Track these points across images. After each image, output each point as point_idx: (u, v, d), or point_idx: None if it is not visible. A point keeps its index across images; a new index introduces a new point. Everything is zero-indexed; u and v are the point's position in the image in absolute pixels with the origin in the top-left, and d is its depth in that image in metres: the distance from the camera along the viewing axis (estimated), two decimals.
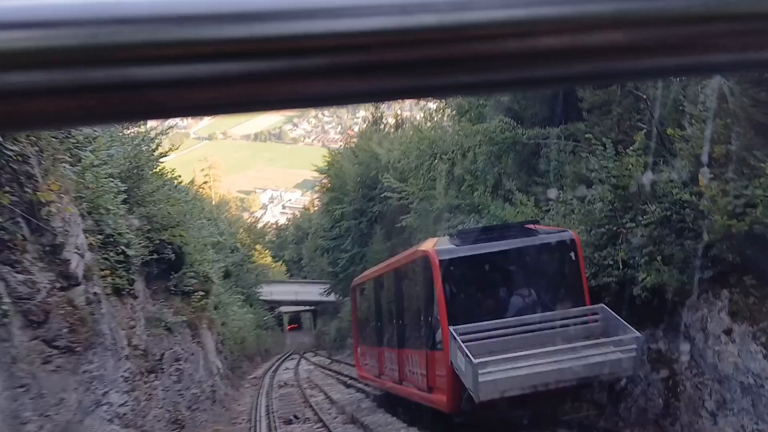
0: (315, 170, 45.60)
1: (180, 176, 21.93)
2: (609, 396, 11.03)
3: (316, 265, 48.49)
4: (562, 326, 9.11)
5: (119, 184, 9.66)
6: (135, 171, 11.80)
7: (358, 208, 36.37)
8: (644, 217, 9.96)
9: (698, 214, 9.05)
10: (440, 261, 9.61)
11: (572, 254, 10.08)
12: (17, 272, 4.88)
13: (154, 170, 13.74)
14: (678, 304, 9.72)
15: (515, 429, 10.08)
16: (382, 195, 31.56)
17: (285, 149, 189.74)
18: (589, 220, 11.48)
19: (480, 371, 8.15)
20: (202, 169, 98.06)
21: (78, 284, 5.98)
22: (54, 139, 6.36)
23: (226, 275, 30.42)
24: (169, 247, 13.53)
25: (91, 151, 7.33)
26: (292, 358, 38.71)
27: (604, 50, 0.47)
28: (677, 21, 0.48)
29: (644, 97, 12.20)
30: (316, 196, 65.04)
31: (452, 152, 20.20)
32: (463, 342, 8.53)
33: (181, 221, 14.33)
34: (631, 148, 10.70)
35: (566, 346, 8.72)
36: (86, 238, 7.24)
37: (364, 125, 43.55)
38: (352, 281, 22.23)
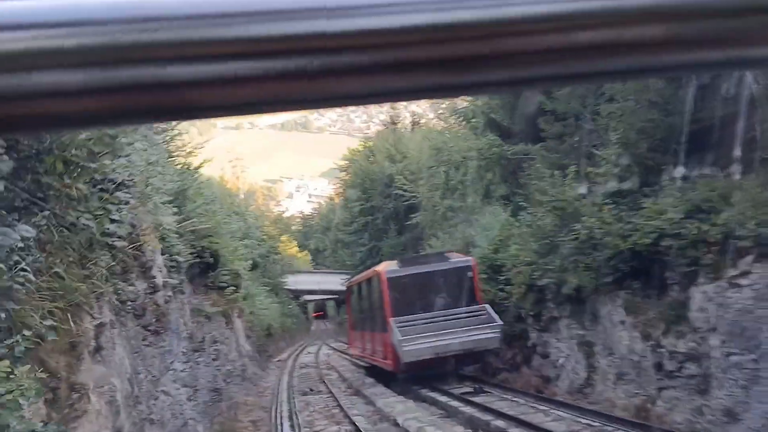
0: (336, 168, 49.05)
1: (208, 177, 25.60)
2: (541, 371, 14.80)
3: (338, 257, 52.24)
4: (461, 316, 15.32)
5: (173, 209, 13.17)
6: (182, 195, 15.32)
7: (375, 205, 39.81)
8: (572, 233, 13.16)
9: (604, 233, 12.23)
10: (387, 278, 15.90)
11: (469, 273, 16.06)
12: (128, 285, 8.31)
13: (195, 192, 17.30)
14: (595, 300, 12.93)
15: (431, 379, 15.92)
16: (396, 193, 34.95)
17: (311, 138, 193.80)
18: (538, 233, 14.70)
19: (403, 344, 14.53)
20: (230, 161, 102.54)
21: (159, 290, 9.45)
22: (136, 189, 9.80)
23: (254, 267, 33.93)
24: (207, 251, 17.09)
25: (160, 195, 10.76)
26: (314, 344, 42.38)
27: (641, 45, 0.47)
28: (716, 14, 0.47)
29: (595, 129, 15.33)
30: (338, 183, 68.44)
31: (447, 164, 23.47)
32: (397, 327, 14.75)
33: (216, 231, 17.88)
34: (567, 177, 13.89)
35: (461, 328, 14.89)
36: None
37: (382, 126, 46.68)
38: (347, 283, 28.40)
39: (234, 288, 20.02)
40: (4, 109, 0.41)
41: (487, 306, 15.72)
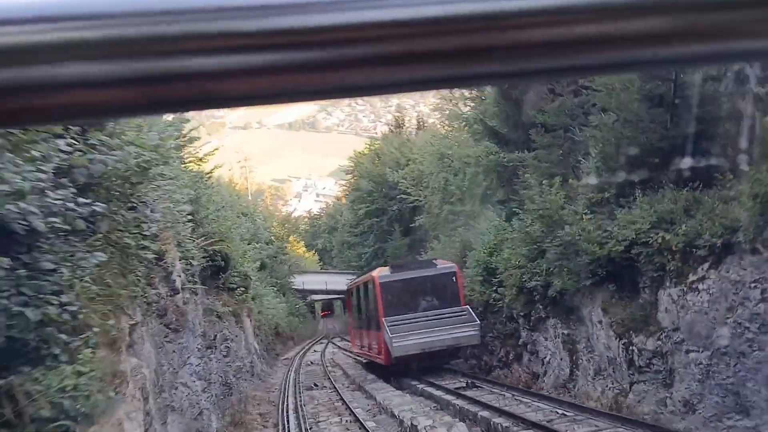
0: (343, 170, 50.27)
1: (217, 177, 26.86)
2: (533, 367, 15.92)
3: (345, 257, 53.46)
4: (445, 316, 17.34)
5: (188, 216, 14.38)
6: (196, 202, 16.54)
7: (380, 207, 40.97)
8: (557, 239, 14.25)
9: (584, 240, 13.33)
10: (380, 282, 17.94)
11: (453, 278, 18.06)
12: (152, 288, 9.50)
13: (207, 200, 18.51)
14: (577, 302, 14.03)
15: (428, 376, 17.62)
16: (400, 196, 36.06)
17: (319, 138, 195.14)
18: (527, 239, 15.80)
19: (394, 341, 16.68)
20: (238, 161, 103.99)
21: (178, 293, 10.66)
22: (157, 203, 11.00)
23: (262, 267, 35.15)
24: (219, 255, 18.32)
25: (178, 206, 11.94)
26: (321, 342, 43.59)
27: (642, 37, 0.47)
28: (715, 7, 0.48)
29: (582, 140, 16.39)
30: (344, 185, 69.44)
31: (448, 170, 24.60)
32: (388, 326, 16.79)
33: (226, 235, 19.11)
34: (553, 187, 14.98)
35: (445, 327, 16.90)
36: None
37: (389, 127, 47.79)
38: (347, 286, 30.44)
39: (243, 289, 21.26)
40: (30, 100, 0.42)
41: (468, 307, 17.76)
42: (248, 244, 28.86)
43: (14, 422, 3.55)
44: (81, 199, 4.48)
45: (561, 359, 14.82)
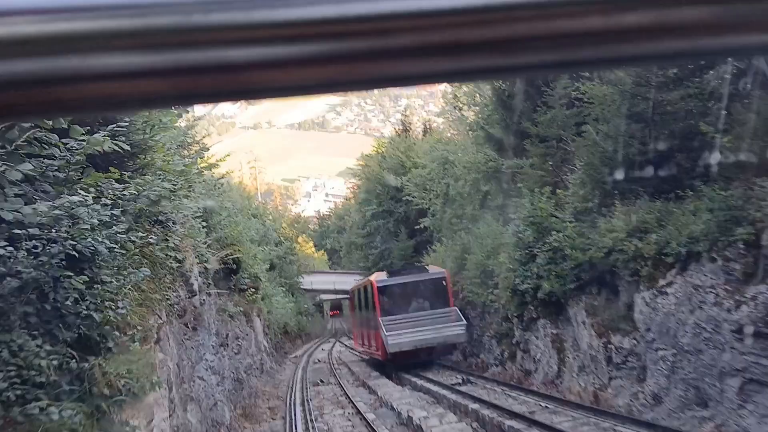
0: (350, 173, 51.52)
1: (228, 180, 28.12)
2: (519, 363, 17.04)
3: (352, 258, 54.66)
4: (435, 316, 19.16)
5: (203, 223, 15.57)
6: (209, 209, 17.75)
7: (386, 209, 42.07)
8: (546, 244, 15.35)
9: (569, 247, 14.42)
10: (378, 286, 19.81)
11: (443, 282, 19.85)
12: (173, 291, 10.69)
13: (220, 207, 19.74)
14: (564, 303, 15.12)
15: (413, 366, 19.81)
16: (406, 198, 37.16)
17: (328, 138, 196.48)
18: (519, 244, 16.90)
19: (389, 338, 18.61)
20: (248, 162, 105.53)
21: (195, 295, 11.87)
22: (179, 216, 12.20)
23: (271, 267, 36.31)
24: (230, 258, 19.53)
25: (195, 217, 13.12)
26: (329, 341, 44.80)
27: (689, 27, 0.47)
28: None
29: (572, 150, 17.46)
30: (352, 187, 70.61)
31: (449, 176, 25.71)
32: (384, 325, 18.67)
33: (238, 239, 20.33)
34: (544, 196, 16.08)
35: (434, 326, 18.74)
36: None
37: (396, 131, 48.86)
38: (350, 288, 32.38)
39: (253, 290, 22.47)
40: (68, 90, 0.43)
41: (456, 308, 19.68)
42: (258, 245, 30.09)
43: (85, 397, 4.68)
44: (135, 232, 5.62)
45: (550, 357, 15.92)
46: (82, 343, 4.91)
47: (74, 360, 4.65)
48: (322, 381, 21.27)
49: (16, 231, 4.10)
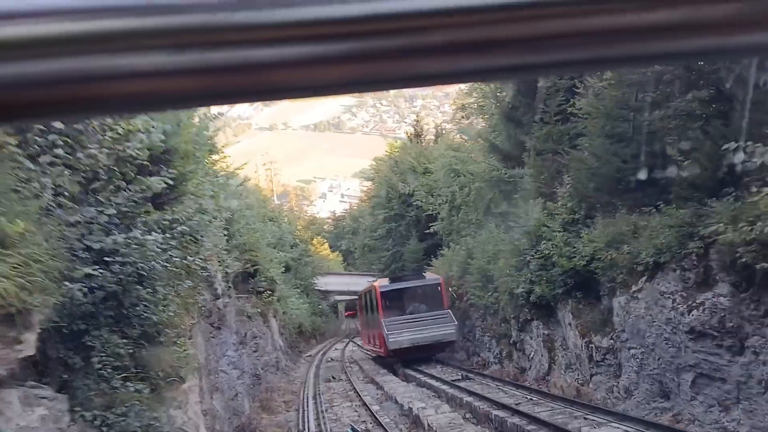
0: (364, 176, 53.17)
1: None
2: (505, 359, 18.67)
3: (366, 260, 56.32)
4: (431, 318, 21.37)
5: (225, 232, 17.25)
6: (230, 219, 19.44)
7: (398, 213, 43.60)
8: (538, 252, 16.83)
9: (557, 254, 15.89)
10: (380, 291, 22.24)
11: (439, 287, 22.15)
12: (201, 296, 12.36)
13: (239, 215, 21.46)
14: (554, 306, 16.60)
15: (411, 362, 22.24)
16: (416, 203, 38.69)
17: (343, 138, 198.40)
18: (515, 251, 18.39)
19: (390, 337, 21.03)
20: (264, 164, 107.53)
21: (219, 297, 13.55)
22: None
23: (287, 269, 37.99)
24: (249, 263, 21.23)
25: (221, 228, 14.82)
26: (343, 341, 46.46)
27: (718, 24, 0.47)
28: None
29: (566, 164, 18.91)
30: (365, 190, 72.18)
31: (456, 184, 27.26)
32: (385, 325, 20.98)
33: (256, 246, 22.04)
34: (537, 206, 17.57)
35: (430, 326, 21.06)
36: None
37: (408, 136, 50.38)
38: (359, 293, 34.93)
39: (270, 292, 24.18)
40: (98, 89, 0.44)
41: (449, 311, 21.94)
42: (274, 248, 31.79)
43: (147, 377, 6.28)
44: (178, 251, 7.28)
45: (542, 355, 17.41)
46: (144, 337, 6.50)
47: (141, 349, 6.25)
48: (333, 377, 22.92)
49: (106, 258, 5.73)
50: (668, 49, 0.48)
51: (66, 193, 5.36)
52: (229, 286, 18.24)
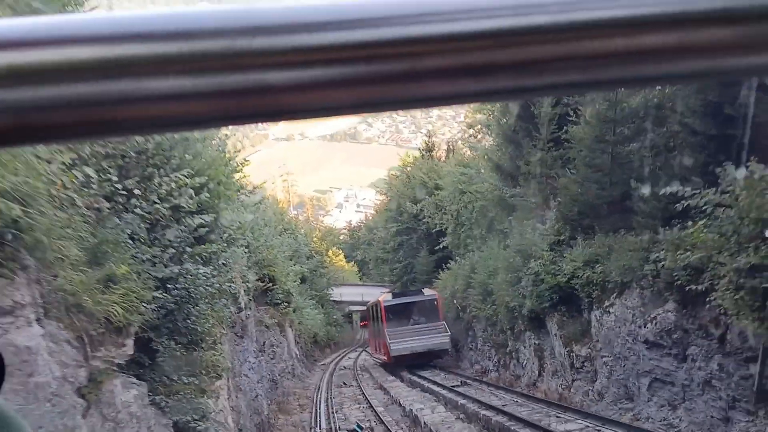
0: (377, 190, 55.35)
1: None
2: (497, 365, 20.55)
3: (379, 271, 58.40)
4: (428, 329, 24.15)
5: (245, 250, 19.40)
6: (251, 237, 21.60)
7: (410, 226, 45.63)
8: (529, 269, 18.77)
9: (544, 272, 17.82)
10: (384, 305, 25.27)
11: (435, 302, 25.21)
12: (227, 309, 14.50)
13: (258, 234, 23.63)
14: (543, 318, 18.52)
15: (411, 367, 25.47)
16: (426, 219, 40.69)
17: (360, 148, 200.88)
18: (510, 267, 20.34)
19: (392, 345, 24.43)
20: (281, 175, 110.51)
21: (242, 310, 15.69)
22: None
23: (302, 281, 40.07)
24: (267, 277, 23.38)
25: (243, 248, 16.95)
26: (356, 350, 48.46)
27: (711, 48, 0.49)
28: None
29: (555, 186, 20.85)
30: (378, 204, 74.38)
31: (460, 202, 29.28)
32: (389, 334, 24.21)
33: (273, 261, 24.19)
34: (529, 227, 19.53)
35: (427, 336, 24.26)
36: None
37: (419, 153, 52.50)
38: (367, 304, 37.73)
39: (286, 304, 26.32)
40: (120, 112, 0.46)
41: (444, 323, 25.07)
42: (290, 260, 33.92)
43: (195, 374, 8.34)
44: (224, 282, 9.39)
45: (533, 363, 19.32)
46: (192, 343, 8.56)
47: (190, 352, 8.32)
48: (345, 384, 24.97)
49: (167, 285, 7.82)
50: (662, 71, 0.51)
51: (140, 239, 7.45)
52: (250, 299, 20.34)
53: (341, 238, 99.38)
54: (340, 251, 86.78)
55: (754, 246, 9.37)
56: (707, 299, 10.44)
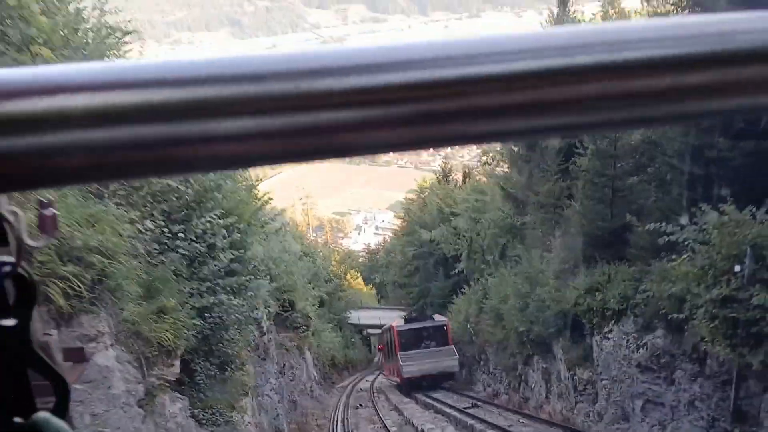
0: (395, 214, 56.60)
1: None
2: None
3: (397, 294, 59.50)
4: (437, 352, 25.73)
5: (267, 277, 20.73)
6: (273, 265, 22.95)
7: (426, 250, 46.75)
8: (536, 295, 19.87)
9: (550, 299, 18.91)
10: (397, 330, 26.95)
11: (444, 328, 26.60)
12: (251, 333, 15.82)
13: (280, 259, 25.00)
14: (549, 343, 19.57)
15: (422, 388, 26.68)
16: (441, 245, 41.81)
17: (378, 171, 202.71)
18: (519, 293, 21.42)
19: (403, 367, 25.89)
20: (300, 198, 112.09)
21: (265, 334, 17.01)
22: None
23: (321, 304, 41.27)
24: (287, 302, 24.71)
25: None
26: (373, 373, 49.42)
27: (750, 85, 0.51)
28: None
29: (562, 215, 21.97)
30: (398, 225, 75.44)
31: (470, 231, 30.50)
32: (401, 357, 25.73)
33: (293, 286, 25.54)
34: (537, 255, 20.65)
35: (437, 359, 25.74)
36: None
37: (436, 179, 53.82)
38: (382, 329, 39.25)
39: (305, 327, 27.59)
40: (186, 152, 0.49)
41: (452, 346, 26.64)
42: (309, 283, 35.17)
43: (228, 390, 9.64)
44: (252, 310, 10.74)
45: (541, 386, 20.34)
46: (224, 364, 9.84)
47: (223, 372, 9.59)
48: (361, 405, 26.10)
49: (204, 313, 9.20)
50: (702, 108, 0.53)
51: (182, 274, 8.79)
52: (271, 323, 21.62)
53: (360, 260, 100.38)
54: (359, 274, 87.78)
55: (726, 279, 10.48)
56: (687, 327, 11.54)
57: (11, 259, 0.57)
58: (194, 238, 9.43)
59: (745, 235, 10.29)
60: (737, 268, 10.17)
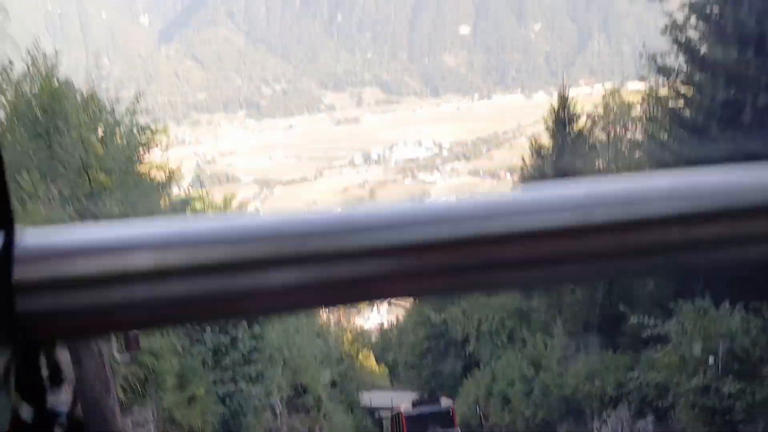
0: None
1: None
2: None
3: (409, 375, 59.47)
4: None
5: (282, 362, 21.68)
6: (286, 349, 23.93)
7: (437, 331, 47.27)
8: (540, 381, 20.63)
9: None
10: (405, 415, 26.79)
11: (450, 410, 26.20)
12: (264, 420, 16.72)
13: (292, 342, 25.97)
14: (554, 428, 20.19)
15: None
16: (450, 327, 42.44)
17: None
18: (524, 378, 22.15)
19: None
20: None
21: (278, 418, 17.93)
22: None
23: (333, 385, 41.55)
24: (300, 385, 25.52)
25: None
26: None
27: (761, 237, 0.54)
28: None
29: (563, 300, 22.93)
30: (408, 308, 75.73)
31: (480, 313, 31.53)
32: None
33: (306, 369, 26.41)
34: (540, 341, 21.54)
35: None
36: None
37: None
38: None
39: (317, 409, 28.21)
40: (235, 303, 0.54)
41: (458, 428, 26.52)
42: (320, 363, 35.70)
43: None
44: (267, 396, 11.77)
45: None
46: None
47: None
48: None
49: (226, 400, 10.28)
50: (714, 258, 0.55)
51: (208, 364, 9.96)
52: (283, 407, 22.38)
53: (372, 340, 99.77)
54: (370, 353, 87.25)
55: (703, 370, 11.46)
56: (672, 414, 12.43)
57: (65, 408, 0.59)
58: (219, 330, 10.62)
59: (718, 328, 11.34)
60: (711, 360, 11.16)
